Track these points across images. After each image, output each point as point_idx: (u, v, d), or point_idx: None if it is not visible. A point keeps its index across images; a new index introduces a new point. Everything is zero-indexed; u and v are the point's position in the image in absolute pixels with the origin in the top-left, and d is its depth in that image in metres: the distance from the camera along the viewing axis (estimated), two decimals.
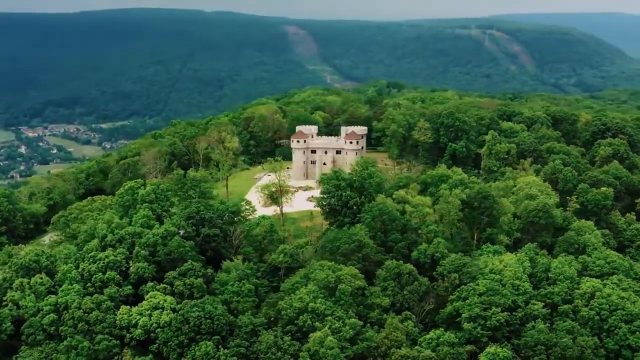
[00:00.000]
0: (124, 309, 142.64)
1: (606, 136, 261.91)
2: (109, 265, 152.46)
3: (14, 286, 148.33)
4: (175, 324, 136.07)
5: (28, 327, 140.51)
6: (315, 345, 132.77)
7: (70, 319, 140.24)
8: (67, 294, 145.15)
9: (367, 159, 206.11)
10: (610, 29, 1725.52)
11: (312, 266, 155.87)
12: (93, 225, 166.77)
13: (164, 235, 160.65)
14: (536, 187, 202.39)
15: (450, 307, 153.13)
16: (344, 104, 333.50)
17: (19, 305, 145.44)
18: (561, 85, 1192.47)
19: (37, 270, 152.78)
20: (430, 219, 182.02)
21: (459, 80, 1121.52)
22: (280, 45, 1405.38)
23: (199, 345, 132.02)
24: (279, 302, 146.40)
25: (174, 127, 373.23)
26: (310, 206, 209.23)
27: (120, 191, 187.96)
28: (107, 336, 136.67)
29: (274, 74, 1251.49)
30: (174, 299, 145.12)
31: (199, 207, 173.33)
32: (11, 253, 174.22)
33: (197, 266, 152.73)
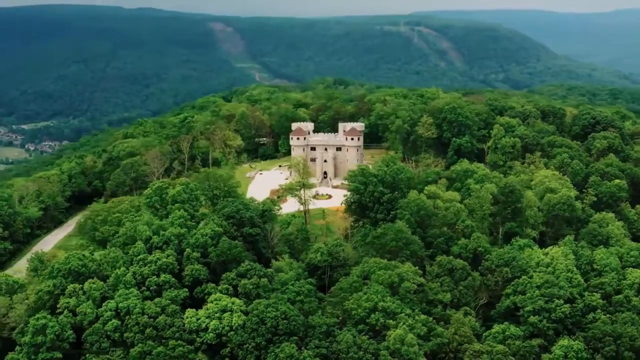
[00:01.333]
0: (190, 312, 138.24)
1: (596, 130, 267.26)
2: (162, 267, 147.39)
3: (67, 292, 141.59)
4: (250, 325, 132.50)
5: (91, 335, 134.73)
6: (396, 343, 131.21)
7: (135, 325, 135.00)
8: (126, 298, 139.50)
9: (391, 155, 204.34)
10: (532, 26, 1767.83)
11: (366, 264, 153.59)
12: (132, 227, 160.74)
13: (212, 236, 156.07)
14: (556, 181, 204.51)
15: (507, 301, 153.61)
16: (327, 101, 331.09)
17: (75, 312, 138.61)
18: (490, 82, 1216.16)
19: (87, 275, 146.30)
20: (462, 214, 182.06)
21: (390, 77, 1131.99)
22: (207, 43, 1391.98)
23: (281, 346, 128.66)
24: (344, 301, 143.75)
25: (142, 127, 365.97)
26: (321, 204, 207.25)
27: (149, 192, 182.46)
28: (180, 341, 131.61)
29: (202, 72, 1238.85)
30: (241, 300, 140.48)
31: (238, 206, 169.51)
32: (42, 258, 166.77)
33: (257, 266, 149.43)
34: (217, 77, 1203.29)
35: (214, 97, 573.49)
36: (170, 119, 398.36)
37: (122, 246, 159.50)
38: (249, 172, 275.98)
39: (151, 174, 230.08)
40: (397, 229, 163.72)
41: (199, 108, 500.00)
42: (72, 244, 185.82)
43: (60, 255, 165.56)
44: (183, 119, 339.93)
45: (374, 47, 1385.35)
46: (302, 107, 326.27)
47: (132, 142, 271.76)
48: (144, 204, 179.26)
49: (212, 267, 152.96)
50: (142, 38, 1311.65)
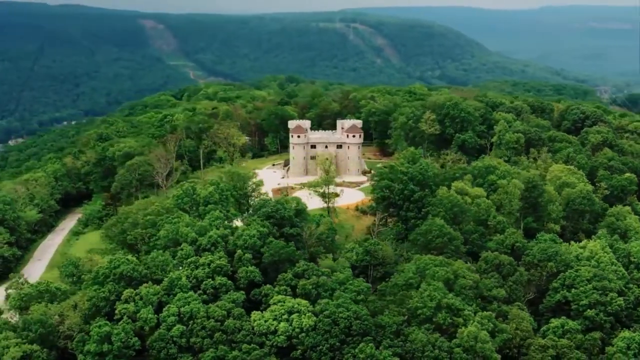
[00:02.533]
0: (256, 314, 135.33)
1: (586, 124, 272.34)
2: (216, 270, 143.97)
3: (123, 298, 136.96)
4: (322, 327, 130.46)
5: (157, 341, 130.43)
6: (469, 340, 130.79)
7: (202, 329, 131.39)
8: (187, 302, 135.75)
9: (413, 152, 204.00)
10: (463, 22, 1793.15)
11: (420, 261, 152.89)
12: (173, 229, 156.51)
13: (259, 237, 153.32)
14: (572, 175, 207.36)
15: (558, 295, 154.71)
16: (313, 98, 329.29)
17: (135, 318, 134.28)
18: (426, 78, 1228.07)
19: (139, 279, 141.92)
20: (491, 210, 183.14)
21: (327, 74, 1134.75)
22: (138, 40, 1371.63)
23: (359, 347, 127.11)
24: (405, 299, 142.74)
25: (113, 126, 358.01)
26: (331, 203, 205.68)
27: (178, 193, 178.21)
28: (253, 345, 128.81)
29: (134, 70, 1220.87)
30: (306, 301, 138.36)
31: (277, 205, 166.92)
32: (77, 263, 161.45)
33: (313, 266, 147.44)
34: (150, 75, 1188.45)
35: (164, 95, 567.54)
36: (140, 119, 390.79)
37: (163, 249, 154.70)
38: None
39: (156, 175, 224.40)
40: (441, 225, 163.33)
41: (153, 107, 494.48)
42: (100, 248, 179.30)
43: (97, 259, 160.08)
44: (162, 118, 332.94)
45: (310, 44, 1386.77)
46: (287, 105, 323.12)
47: (128, 142, 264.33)
48: (174, 206, 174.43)
49: (262, 268, 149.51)
50: (70, 36, 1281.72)
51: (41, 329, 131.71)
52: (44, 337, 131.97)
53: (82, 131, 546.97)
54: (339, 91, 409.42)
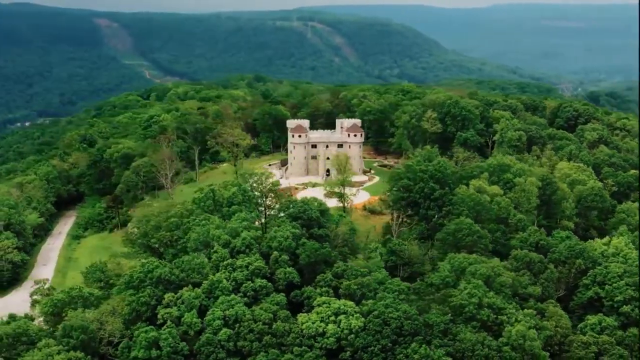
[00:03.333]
0: (303, 316, 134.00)
1: (579, 122, 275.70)
2: (255, 272, 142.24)
3: (164, 302, 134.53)
4: (373, 327, 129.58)
5: (206, 345, 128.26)
6: (518, 339, 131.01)
7: (249, 332, 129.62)
8: (231, 306, 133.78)
9: (429, 150, 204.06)
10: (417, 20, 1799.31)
11: (455, 260, 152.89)
12: (204, 231, 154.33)
13: (293, 238, 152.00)
14: (581, 173, 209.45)
15: (590, 292, 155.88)
16: (304, 98, 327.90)
17: (179, 322, 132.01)
18: (385, 77, 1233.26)
19: (177, 283, 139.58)
20: (510, 208, 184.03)
21: (285, 73, 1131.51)
22: (93, 40, 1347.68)
23: (411, 347, 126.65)
24: (448, 298, 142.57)
25: (95, 127, 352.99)
26: (334, 202, 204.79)
27: (199, 196, 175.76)
28: (305, 347, 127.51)
29: (89, 69, 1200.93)
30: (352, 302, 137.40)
31: (304, 206, 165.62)
32: (103, 268, 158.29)
33: (351, 266, 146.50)
34: (105, 74, 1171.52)
35: (132, 95, 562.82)
36: (120, 119, 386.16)
37: (193, 252, 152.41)
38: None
39: (162, 176, 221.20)
40: (470, 224, 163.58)
41: (122, 107, 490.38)
42: (122, 251, 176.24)
43: (124, 264, 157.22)
44: (148, 119, 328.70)
45: (267, 42, 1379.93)
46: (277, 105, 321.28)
47: (127, 143, 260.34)
48: (198, 208, 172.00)
49: (297, 269, 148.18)
50: (22, 35, 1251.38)
51: (82, 335, 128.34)
52: (85, 344, 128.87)
53: (46, 133, 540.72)
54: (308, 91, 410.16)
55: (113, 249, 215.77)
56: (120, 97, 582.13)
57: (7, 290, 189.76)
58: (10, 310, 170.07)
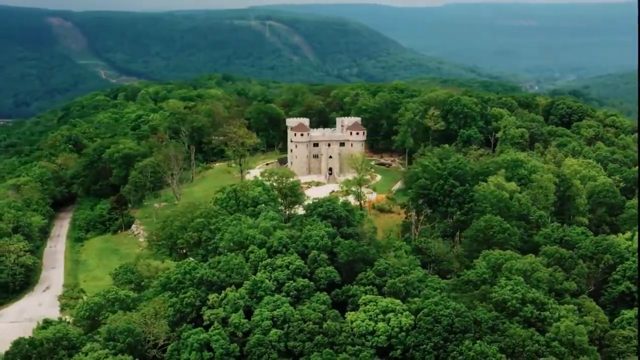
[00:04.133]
0: (351, 315, 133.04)
1: (573, 119, 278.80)
2: (296, 271, 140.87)
3: (209, 303, 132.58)
4: (424, 325, 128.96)
5: (257, 346, 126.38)
6: (567, 334, 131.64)
7: (300, 332, 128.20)
8: (277, 306, 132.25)
9: (446, 149, 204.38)
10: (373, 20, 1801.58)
11: (491, 256, 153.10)
12: (237, 231, 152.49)
13: (328, 236, 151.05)
14: (591, 169, 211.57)
15: (621, 287, 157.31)
16: (295, 97, 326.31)
17: (226, 323, 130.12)
18: (345, 76, 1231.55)
19: (219, 283, 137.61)
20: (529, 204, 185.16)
21: (245, 73, 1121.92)
22: (45, 39, 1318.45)
23: (466, 344, 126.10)
24: (488, 294, 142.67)
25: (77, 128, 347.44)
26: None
27: (222, 196, 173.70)
28: (358, 347, 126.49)
29: (42, 69, 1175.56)
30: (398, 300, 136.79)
31: (332, 205, 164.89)
32: (133, 269, 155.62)
33: (394, 264, 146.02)
34: (59, 75, 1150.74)
35: (99, 95, 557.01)
36: (101, 119, 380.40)
37: (228, 252, 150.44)
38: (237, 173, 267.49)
39: (170, 176, 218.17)
40: (501, 221, 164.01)
41: (91, 107, 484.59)
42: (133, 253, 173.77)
43: (155, 265, 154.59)
44: (136, 119, 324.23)
45: (225, 42, 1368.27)
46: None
47: (127, 143, 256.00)
48: (223, 208, 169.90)
49: (335, 267, 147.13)
50: None
51: (129, 338, 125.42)
52: (132, 347, 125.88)
53: (12, 134, 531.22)
54: (283, 90, 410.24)
55: (121, 250, 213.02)
56: (87, 97, 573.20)
57: (20, 295, 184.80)
58: (27, 314, 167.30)
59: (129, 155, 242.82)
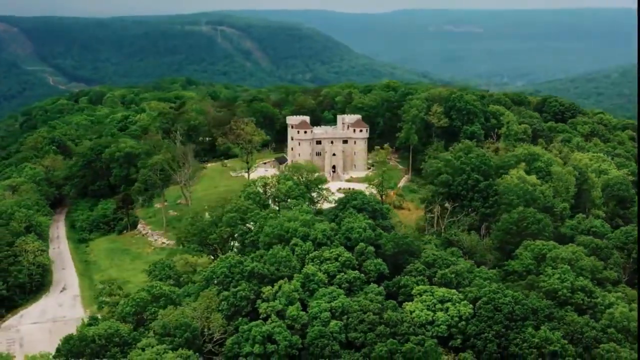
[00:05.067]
0: (409, 305, 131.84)
1: (566, 116, 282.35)
2: (345, 264, 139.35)
3: (264, 296, 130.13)
4: (485, 313, 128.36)
5: (319, 338, 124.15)
6: (622, 320, 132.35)
7: (360, 323, 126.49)
8: (334, 297, 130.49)
9: (468, 144, 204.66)
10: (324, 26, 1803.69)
11: (532, 246, 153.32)
12: (277, 224, 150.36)
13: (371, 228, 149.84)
14: (602, 162, 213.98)
15: None
16: (287, 96, 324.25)
17: (283, 316, 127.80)
18: (298, 81, 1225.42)
19: (268, 276, 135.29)
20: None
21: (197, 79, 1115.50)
22: None
23: (528, 331, 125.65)
24: (536, 283, 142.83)
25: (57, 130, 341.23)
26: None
27: (253, 190, 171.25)
28: (422, 336, 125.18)
29: None
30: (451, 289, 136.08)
31: (365, 198, 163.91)
32: (170, 265, 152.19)
33: (444, 254, 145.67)
34: (5, 81, 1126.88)
35: (61, 100, 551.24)
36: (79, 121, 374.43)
37: (267, 246, 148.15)
38: (234, 172, 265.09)
39: (179, 174, 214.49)
40: (534, 212, 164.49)
41: (55, 112, 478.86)
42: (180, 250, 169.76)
43: (193, 261, 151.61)
44: (122, 119, 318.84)
45: (176, 47, 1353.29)
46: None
47: (128, 142, 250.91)
48: (252, 202, 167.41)
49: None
50: None
51: (187, 333, 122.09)
52: (189, 342, 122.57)
53: None
54: (248, 94, 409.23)
55: (132, 250, 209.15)
56: (47, 102, 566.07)
57: (37, 296, 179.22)
58: (49, 315, 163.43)
59: (131, 154, 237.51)
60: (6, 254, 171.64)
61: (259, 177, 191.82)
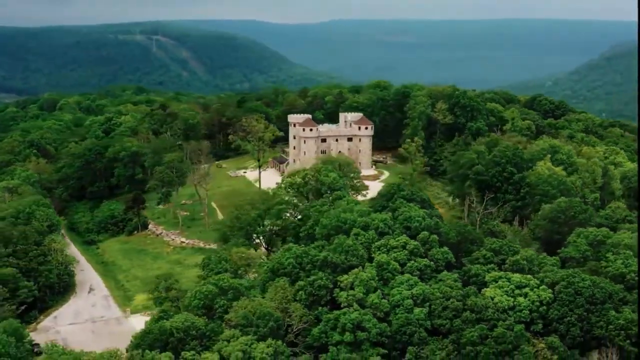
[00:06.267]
0: (489, 291, 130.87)
1: (556, 114, 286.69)
2: (414, 252, 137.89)
3: (341, 284, 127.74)
4: (566, 297, 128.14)
5: (407, 325, 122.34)
6: None
7: (444, 310, 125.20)
8: (412, 285, 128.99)
9: (495, 137, 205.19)
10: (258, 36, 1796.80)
11: (587, 233, 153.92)
12: (334, 216, 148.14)
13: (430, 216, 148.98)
14: (616, 155, 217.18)
15: None
16: (276, 96, 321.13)
17: (363, 304, 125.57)
18: (236, 91, 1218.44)
19: (341, 266, 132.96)
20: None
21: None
22: None
23: (610, 313, 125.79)
24: (604, 268, 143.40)
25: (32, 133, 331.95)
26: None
27: (298, 180, 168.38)
28: (511, 321, 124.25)
29: None
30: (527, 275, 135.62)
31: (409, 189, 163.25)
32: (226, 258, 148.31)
33: (506, 242, 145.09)
34: None
35: (10, 107, 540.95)
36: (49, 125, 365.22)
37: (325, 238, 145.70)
38: (232, 172, 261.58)
39: (194, 171, 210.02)
40: (579, 201, 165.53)
41: (9, 119, 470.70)
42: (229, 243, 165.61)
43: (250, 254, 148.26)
44: (105, 122, 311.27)
45: (111, 57, 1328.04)
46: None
47: (132, 141, 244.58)
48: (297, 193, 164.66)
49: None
50: None
51: (271, 322, 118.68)
52: (274, 332, 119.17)
53: None
54: (196, 101, 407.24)
55: (149, 250, 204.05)
56: None
57: (65, 297, 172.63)
58: (85, 315, 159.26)
59: (138, 154, 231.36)
60: (35, 253, 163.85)
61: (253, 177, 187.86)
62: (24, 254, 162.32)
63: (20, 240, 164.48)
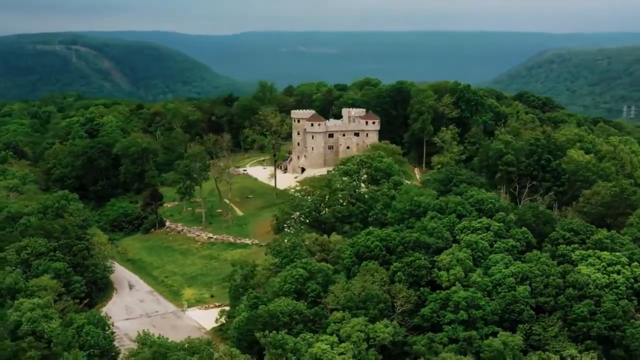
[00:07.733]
0: (585, 269, 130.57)
1: (545, 109, 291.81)
2: (498, 233, 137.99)
3: (440, 265, 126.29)
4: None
5: (514, 303, 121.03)
6: None
7: (545, 287, 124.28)
8: (506, 264, 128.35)
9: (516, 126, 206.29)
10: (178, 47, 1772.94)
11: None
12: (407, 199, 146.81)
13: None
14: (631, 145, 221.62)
15: None
16: (264, 95, 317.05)
17: (463, 284, 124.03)
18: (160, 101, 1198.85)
19: (433, 247, 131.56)
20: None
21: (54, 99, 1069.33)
22: None
23: None
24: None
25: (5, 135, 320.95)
26: None
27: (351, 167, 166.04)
28: (616, 297, 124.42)
29: None
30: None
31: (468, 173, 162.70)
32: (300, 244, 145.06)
33: (579, 222, 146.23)
34: None
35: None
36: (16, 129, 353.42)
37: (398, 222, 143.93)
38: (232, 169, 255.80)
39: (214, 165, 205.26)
40: (629, 184, 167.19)
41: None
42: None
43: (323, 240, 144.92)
44: (86, 122, 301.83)
45: (29, 67, 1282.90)
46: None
47: (143, 137, 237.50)
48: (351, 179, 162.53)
49: None
50: None
51: (381, 304, 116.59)
52: (383, 313, 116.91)
53: None
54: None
55: (175, 247, 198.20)
56: None
57: (107, 293, 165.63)
58: (137, 311, 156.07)
59: (148, 150, 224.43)
60: (79, 247, 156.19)
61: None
62: (68, 249, 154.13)
63: (62, 235, 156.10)
